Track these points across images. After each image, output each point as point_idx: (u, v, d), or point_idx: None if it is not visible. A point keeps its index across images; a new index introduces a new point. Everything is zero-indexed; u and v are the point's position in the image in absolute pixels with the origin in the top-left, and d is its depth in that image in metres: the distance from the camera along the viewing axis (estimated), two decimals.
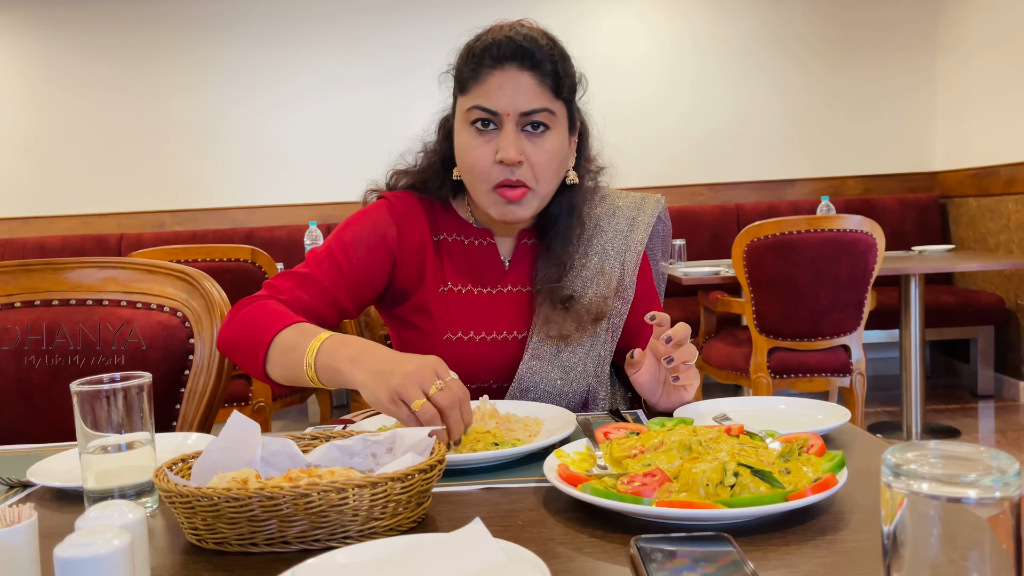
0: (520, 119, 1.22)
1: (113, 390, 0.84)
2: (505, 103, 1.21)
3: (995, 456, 0.51)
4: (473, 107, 1.23)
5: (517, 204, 1.24)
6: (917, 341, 3.60)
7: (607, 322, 1.34)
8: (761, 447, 0.87)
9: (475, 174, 1.25)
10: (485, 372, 1.31)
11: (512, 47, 1.21)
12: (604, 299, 1.33)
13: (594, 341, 1.33)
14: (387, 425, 1.11)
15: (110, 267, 1.46)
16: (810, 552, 0.70)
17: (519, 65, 1.22)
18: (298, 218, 5.05)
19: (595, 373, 1.34)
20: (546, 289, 1.31)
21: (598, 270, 1.35)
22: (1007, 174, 4.39)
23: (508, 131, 1.22)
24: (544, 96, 1.23)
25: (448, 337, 1.31)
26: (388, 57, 5.01)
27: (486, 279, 1.35)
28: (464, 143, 1.26)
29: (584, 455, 0.94)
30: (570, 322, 1.29)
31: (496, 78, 1.22)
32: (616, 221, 1.39)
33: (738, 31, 5.05)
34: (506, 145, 1.21)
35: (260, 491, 0.72)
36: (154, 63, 5.09)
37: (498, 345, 1.32)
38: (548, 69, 1.23)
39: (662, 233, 1.46)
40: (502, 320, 1.33)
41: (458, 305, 1.33)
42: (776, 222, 3.04)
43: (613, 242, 1.37)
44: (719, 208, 4.97)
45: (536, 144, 1.23)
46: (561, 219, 1.34)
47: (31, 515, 0.66)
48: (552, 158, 1.25)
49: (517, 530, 0.78)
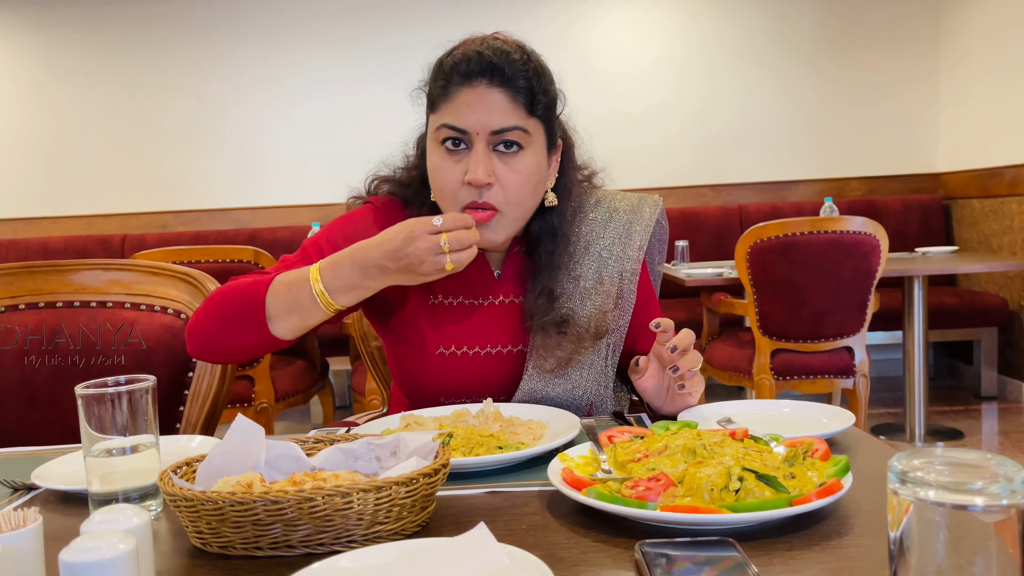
0: (491, 138, 1.16)
1: (118, 393, 0.84)
2: (474, 121, 1.15)
3: (1002, 463, 0.51)
4: (442, 125, 1.17)
5: (484, 227, 1.16)
6: (920, 343, 3.59)
7: (608, 337, 1.29)
8: (765, 451, 0.87)
9: (444, 195, 1.20)
10: (483, 387, 1.27)
11: (482, 63, 1.15)
12: (604, 314, 1.28)
13: (595, 358, 1.29)
14: (391, 428, 1.12)
15: (114, 269, 1.46)
16: (815, 557, 0.70)
17: (488, 81, 1.15)
18: (301, 219, 5.06)
19: (597, 390, 1.30)
20: (537, 317, 1.25)
21: (596, 280, 1.30)
22: (1010, 175, 4.38)
23: (478, 151, 1.15)
24: (516, 114, 1.16)
25: (442, 352, 1.26)
26: (393, 55, 5.01)
27: (477, 290, 1.30)
28: (434, 163, 1.20)
29: (588, 459, 0.94)
30: (568, 344, 1.24)
31: (464, 95, 1.16)
32: (613, 226, 1.34)
33: (740, 34, 5.04)
34: (475, 166, 1.15)
35: (265, 495, 0.72)
36: (157, 64, 5.10)
37: (494, 359, 1.27)
38: (521, 85, 1.16)
39: (660, 235, 1.42)
40: (497, 333, 1.28)
41: (449, 317, 1.28)
42: (779, 223, 3.04)
43: (611, 248, 1.32)
44: (722, 209, 4.97)
45: (508, 165, 1.17)
46: (544, 243, 1.28)
47: (36, 519, 0.66)
48: (527, 180, 1.18)
49: (521, 534, 0.78)
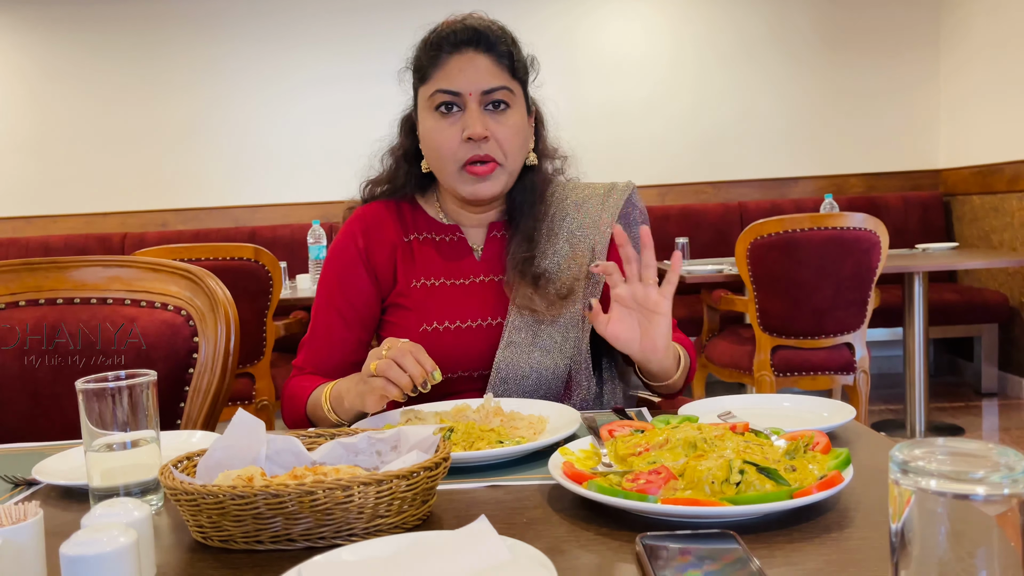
0: (482, 97, 1.29)
1: (118, 388, 0.84)
2: (466, 83, 1.28)
3: (1003, 453, 0.51)
4: (436, 91, 1.29)
5: (487, 179, 1.30)
6: (921, 339, 3.59)
7: (580, 304, 1.36)
8: (766, 444, 0.87)
9: (442, 155, 1.30)
10: (464, 360, 1.33)
11: (468, 32, 1.30)
12: (574, 280, 1.36)
13: (568, 323, 1.35)
14: (392, 423, 1.12)
15: (114, 266, 1.46)
16: (816, 550, 0.70)
17: (475, 48, 1.29)
18: (301, 216, 5.05)
19: (571, 355, 1.35)
20: (517, 264, 1.34)
21: (568, 254, 1.38)
22: (1011, 171, 4.38)
23: (472, 109, 1.28)
24: (502, 75, 1.30)
25: (425, 328, 1.34)
26: (392, 53, 4.99)
27: (458, 271, 1.38)
28: (429, 127, 1.31)
29: (589, 452, 0.94)
30: (539, 299, 1.32)
31: (456, 61, 1.29)
32: (585, 208, 1.41)
33: (742, 29, 5.04)
34: (472, 122, 1.27)
35: (265, 489, 0.72)
36: (156, 61, 5.09)
37: (474, 332, 1.34)
38: (503, 51, 1.31)
39: (638, 220, 1.41)
40: (477, 308, 1.36)
41: (432, 297, 1.36)
42: (779, 220, 3.04)
43: (583, 228, 1.40)
44: (722, 206, 4.96)
45: (499, 121, 1.30)
46: (525, 200, 1.38)
47: (37, 513, 0.66)
48: (516, 133, 1.31)
49: (522, 528, 0.78)
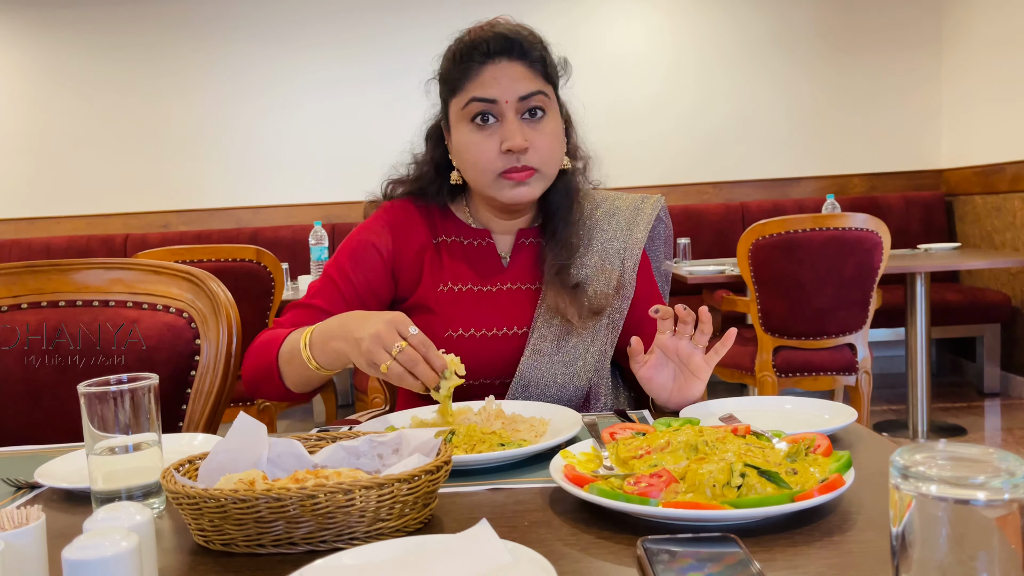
0: (519, 105, 1.25)
1: (120, 391, 0.84)
2: (501, 91, 1.24)
3: (1004, 458, 0.51)
4: (472, 100, 1.25)
5: (526, 185, 1.26)
6: (923, 339, 3.59)
7: (607, 318, 1.35)
8: (768, 447, 0.87)
9: (479, 168, 1.27)
10: (488, 368, 1.31)
11: (499, 41, 1.25)
12: (605, 296, 1.34)
13: (594, 336, 1.34)
14: (394, 426, 1.12)
15: (116, 268, 1.46)
16: (817, 553, 0.70)
17: (508, 56, 1.25)
18: (303, 218, 5.06)
19: (595, 368, 1.34)
20: (556, 272, 1.32)
21: (599, 268, 1.36)
22: (1013, 171, 4.38)
23: (510, 120, 1.24)
24: (537, 81, 1.27)
25: (450, 334, 1.31)
26: (393, 56, 5.01)
27: (485, 277, 1.36)
28: (465, 141, 1.27)
29: (590, 456, 0.94)
30: (573, 309, 1.30)
31: (489, 71, 1.25)
32: (616, 221, 1.40)
33: (743, 29, 5.04)
34: (511, 134, 1.23)
35: (267, 492, 0.73)
36: (159, 64, 5.10)
37: (499, 341, 1.33)
38: (536, 56, 1.27)
39: (664, 234, 1.46)
40: (503, 316, 1.34)
41: (458, 303, 1.34)
42: (781, 220, 3.04)
43: (612, 241, 1.38)
44: (724, 207, 4.96)
45: (537, 129, 1.26)
46: (561, 204, 1.36)
47: (39, 517, 0.66)
48: (554, 139, 1.28)
49: (523, 531, 0.78)
